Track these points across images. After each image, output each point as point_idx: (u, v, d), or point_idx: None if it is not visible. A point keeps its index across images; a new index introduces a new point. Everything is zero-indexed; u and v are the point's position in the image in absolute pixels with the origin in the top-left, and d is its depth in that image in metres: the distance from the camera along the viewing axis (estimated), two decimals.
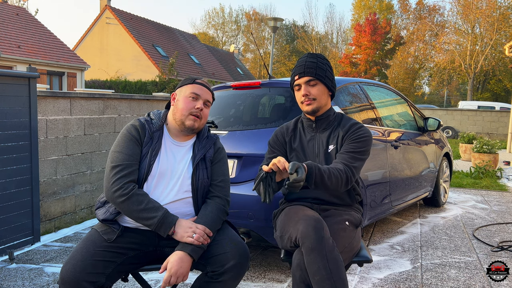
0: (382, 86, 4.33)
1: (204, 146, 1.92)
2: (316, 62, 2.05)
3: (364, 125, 2.12)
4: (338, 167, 1.89)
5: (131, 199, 1.71)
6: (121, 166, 1.76)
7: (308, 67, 2.03)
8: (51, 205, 3.99)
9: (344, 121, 2.11)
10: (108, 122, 4.60)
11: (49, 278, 2.87)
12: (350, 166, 1.92)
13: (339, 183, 1.86)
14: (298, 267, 1.73)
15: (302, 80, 2.04)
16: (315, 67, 2.03)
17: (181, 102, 1.87)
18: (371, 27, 35.65)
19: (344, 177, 1.87)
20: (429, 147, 4.64)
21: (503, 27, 29.82)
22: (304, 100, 2.04)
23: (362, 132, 2.03)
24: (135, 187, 1.75)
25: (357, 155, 1.97)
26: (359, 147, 1.99)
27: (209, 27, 51.09)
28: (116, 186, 1.73)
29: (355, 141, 2.00)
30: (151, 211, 1.71)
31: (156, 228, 1.71)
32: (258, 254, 3.41)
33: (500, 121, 17.14)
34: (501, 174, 7.56)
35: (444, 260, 3.33)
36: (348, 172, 1.90)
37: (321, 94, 2.05)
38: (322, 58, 2.09)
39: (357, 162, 1.96)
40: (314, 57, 2.08)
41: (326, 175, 1.80)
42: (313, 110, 2.04)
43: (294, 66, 2.12)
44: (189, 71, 26.27)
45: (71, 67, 19.44)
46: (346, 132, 2.04)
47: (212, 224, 1.78)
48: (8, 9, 19.23)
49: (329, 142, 2.07)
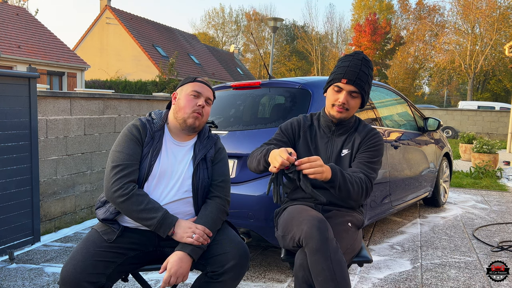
0: (382, 86, 4.33)
1: (205, 146, 1.92)
2: (367, 75, 1.96)
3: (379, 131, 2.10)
4: (359, 175, 1.86)
5: (131, 199, 1.71)
6: (122, 166, 1.76)
7: (359, 78, 1.93)
8: (51, 205, 3.99)
9: (361, 126, 2.06)
10: (108, 122, 4.60)
11: (49, 278, 2.87)
12: (369, 176, 1.90)
13: (360, 192, 1.83)
14: (301, 267, 1.72)
15: (347, 87, 1.94)
16: (366, 80, 1.95)
17: (182, 100, 1.87)
18: (371, 27, 35.67)
19: (365, 187, 1.85)
20: (429, 147, 4.64)
21: (503, 27, 29.83)
22: (337, 105, 1.96)
23: (378, 139, 2.01)
24: (135, 187, 1.75)
25: (374, 165, 1.95)
26: (375, 156, 1.97)
27: (209, 27, 51.14)
28: (116, 186, 1.73)
29: (371, 149, 1.97)
30: (151, 212, 1.71)
31: (155, 228, 1.71)
32: (258, 254, 3.41)
33: (500, 121, 17.14)
34: (501, 174, 7.56)
35: (444, 260, 3.34)
36: (368, 183, 1.87)
37: (355, 107, 2.00)
38: (372, 70, 2.00)
39: (374, 173, 1.94)
40: (367, 67, 1.97)
41: (349, 180, 1.78)
42: (340, 118, 2.00)
43: (342, 63, 1.99)
44: (189, 71, 26.27)
45: (71, 67, 19.44)
46: (363, 138, 2.00)
47: (212, 224, 1.78)
48: (8, 9, 19.22)
49: (344, 146, 2.03)
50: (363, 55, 2.00)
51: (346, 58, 2.02)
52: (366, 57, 2.00)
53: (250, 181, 2.87)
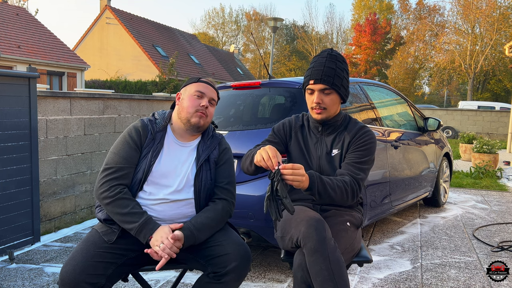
0: (382, 86, 4.33)
1: (208, 147, 1.91)
2: (334, 69, 1.92)
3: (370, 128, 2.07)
4: (344, 179, 1.83)
5: (116, 202, 1.72)
6: (113, 169, 1.77)
7: (326, 75, 1.90)
8: (51, 205, 3.99)
9: (351, 124, 2.03)
10: (108, 122, 4.60)
11: (49, 278, 2.87)
12: (356, 178, 1.85)
13: (344, 196, 1.79)
14: (300, 268, 1.72)
15: (316, 86, 1.92)
16: (333, 75, 1.91)
17: (186, 100, 1.87)
18: (371, 27, 35.68)
19: (350, 190, 1.81)
20: (429, 147, 4.64)
21: (503, 27, 29.81)
22: (315, 107, 1.95)
23: (368, 138, 1.96)
24: (123, 191, 1.75)
25: (363, 165, 1.91)
26: (365, 155, 1.92)
27: (209, 27, 51.10)
28: (103, 188, 1.75)
29: (360, 148, 1.93)
30: (133, 216, 1.71)
31: (136, 233, 1.70)
32: (258, 254, 3.41)
33: (500, 121, 17.14)
34: (501, 174, 7.56)
35: (444, 260, 3.33)
36: (354, 185, 1.83)
37: (334, 103, 1.95)
38: (341, 62, 1.96)
39: (363, 173, 1.89)
40: (334, 61, 1.93)
41: (329, 186, 1.75)
42: (322, 119, 1.97)
43: (310, 65, 1.99)
44: (189, 71, 26.27)
45: (71, 67, 19.44)
46: (353, 137, 1.97)
47: (202, 228, 1.75)
48: (8, 9, 19.22)
49: (334, 146, 1.99)
50: (329, 51, 1.97)
51: (312, 59, 2.02)
52: (333, 52, 1.97)
53: (250, 181, 2.87)
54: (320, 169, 1.99)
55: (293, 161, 2.06)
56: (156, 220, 1.80)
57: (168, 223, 1.81)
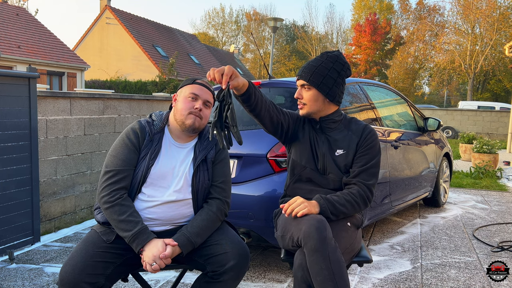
0: (382, 86, 4.33)
1: (205, 147, 1.91)
2: (316, 66, 1.94)
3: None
4: (351, 191, 1.89)
5: (114, 207, 1.72)
6: (113, 172, 1.77)
7: (305, 71, 1.96)
8: (51, 205, 3.99)
9: (353, 124, 2.03)
10: (108, 122, 4.60)
11: (49, 278, 2.87)
12: (367, 184, 1.91)
13: (356, 207, 1.88)
14: (300, 268, 1.72)
15: (299, 83, 1.99)
16: (313, 71, 1.93)
17: (180, 102, 1.87)
18: (371, 27, 35.67)
19: (360, 200, 1.89)
20: (429, 147, 4.64)
21: (503, 27, 29.81)
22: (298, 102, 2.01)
23: (374, 137, 1.99)
24: (123, 196, 1.75)
25: (372, 169, 1.94)
26: (372, 157, 1.95)
27: (209, 27, 51.09)
28: (104, 192, 1.76)
29: (368, 151, 1.95)
30: (129, 224, 1.70)
31: (129, 241, 1.70)
32: (258, 254, 3.41)
33: (500, 121, 17.14)
34: (501, 174, 7.56)
35: (444, 260, 3.33)
36: (365, 193, 1.90)
37: (313, 100, 1.95)
38: (331, 62, 1.95)
39: (373, 179, 1.94)
40: (321, 60, 1.96)
41: (339, 204, 1.84)
42: (303, 115, 2.01)
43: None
44: (189, 71, 26.27)
45: (71, 67, 19.44)
46: (360, 138, 1.97)
47: (199, 232, 1.76)
48: (8, 9, 19.23)
49: (338, 146, 1.99)
50: (326, 52, 2.01)
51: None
52: (328, 53, 1.99)
53: (250, 181, 2.87)
54: (323, 167, 1.98)
55: (297, 154, 2.04)
56: (156, 221, 1.80)
57: (167, 224, 1.82)
